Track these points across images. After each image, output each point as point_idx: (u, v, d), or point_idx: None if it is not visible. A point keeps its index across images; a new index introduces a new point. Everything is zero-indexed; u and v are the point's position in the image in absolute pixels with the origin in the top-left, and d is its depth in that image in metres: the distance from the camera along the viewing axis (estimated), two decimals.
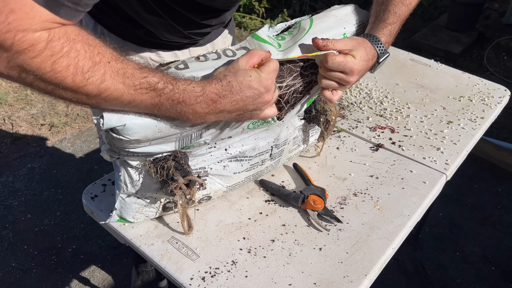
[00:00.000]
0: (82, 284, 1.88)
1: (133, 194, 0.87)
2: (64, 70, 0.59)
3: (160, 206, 0.91)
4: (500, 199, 2.31)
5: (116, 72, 0.63)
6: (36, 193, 2.27)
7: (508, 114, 2.84)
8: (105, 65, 0.62)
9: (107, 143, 0.77)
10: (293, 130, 1.02)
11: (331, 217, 0.95)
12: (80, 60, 0.60)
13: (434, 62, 1.64)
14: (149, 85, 0.66)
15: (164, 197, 0.89)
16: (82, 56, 0.60)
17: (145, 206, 0.89)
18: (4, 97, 2.87)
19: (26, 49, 0.56)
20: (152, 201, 0.89)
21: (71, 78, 0.60)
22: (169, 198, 0.89)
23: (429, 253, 2.02)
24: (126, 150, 0.75)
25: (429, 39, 3.61)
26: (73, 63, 0.59)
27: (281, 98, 0.85)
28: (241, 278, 0.82)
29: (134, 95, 0.65)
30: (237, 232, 0.92)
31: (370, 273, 0.84)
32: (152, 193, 0.87)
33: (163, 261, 0.85)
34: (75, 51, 0.59)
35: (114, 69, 0.63)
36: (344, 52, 0.82)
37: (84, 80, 0.61)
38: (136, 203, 0.88)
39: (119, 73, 0.63)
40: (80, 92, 0.62)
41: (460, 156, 1.17)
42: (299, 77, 0.85)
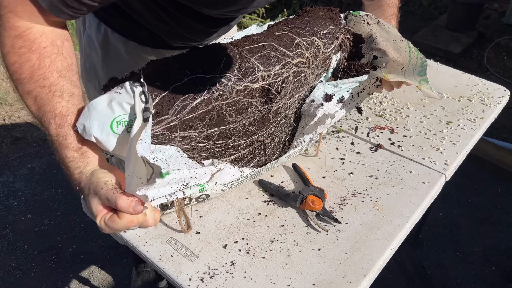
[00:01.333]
0: (82, 284, 1.88)
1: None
2: (10, 64, 0.71)
3: (158, 205, 0.91)
4: (500, 199, 2.31)
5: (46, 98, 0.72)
6: (36, 193, 2.27)
7: (508, 114, 2.84)
8: (40, 88, 0.72)
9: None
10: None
11: (329, 217, 0.95)
12: (25, 67, 0.71)
13: (433, 62, 1.63)
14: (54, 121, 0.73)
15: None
16: (29, 65, 0.71)
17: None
18: (4, 97, 2.87)
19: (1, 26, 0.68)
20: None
21: (12, 72, 0.72)
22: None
23: (429, 253, 2.02)
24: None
25: (429, 39, 3.60)
26: (19, 64, 0.71)
27: (271, 87, 0.85)
28: (240, 278, 0.82)
29: (42, 124, 0.74)
30: (236, 232, 0.92)
31: (369, 274, 0.84)
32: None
33: (162, 261, 0.85)
34: (27, 59, 0.70)
35: (44, 94, 0.72)
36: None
37: (19, 82, 0.73)
38: None
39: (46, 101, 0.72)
40: (17, 86, 0.74)
41: (460, 156, 1.17)
42: (287, 66, 0.86)
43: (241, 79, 0.81)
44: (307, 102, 1.00)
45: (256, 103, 0.87)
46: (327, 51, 0.95)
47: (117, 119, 0.71)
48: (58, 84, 0.73)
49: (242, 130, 0.90)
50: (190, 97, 0.75)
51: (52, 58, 0.72)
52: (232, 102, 0.82)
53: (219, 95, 0.79)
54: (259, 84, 0.84)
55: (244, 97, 0.83)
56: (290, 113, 1.00)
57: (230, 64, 0.80)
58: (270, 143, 1.00)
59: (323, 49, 0.93)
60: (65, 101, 0.73)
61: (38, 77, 0.71)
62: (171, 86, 0.74)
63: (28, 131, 2.66)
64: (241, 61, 0.81)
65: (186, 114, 0.76)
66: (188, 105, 0.75)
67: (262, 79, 0.84)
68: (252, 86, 0.83)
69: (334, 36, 0.97)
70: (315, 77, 0.98)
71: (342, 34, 0.99)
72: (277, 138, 1.01)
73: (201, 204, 0.99)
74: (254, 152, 0.98)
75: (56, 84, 0.72)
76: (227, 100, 0.81)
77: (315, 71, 0.96)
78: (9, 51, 0.69)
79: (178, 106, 0.74)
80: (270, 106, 0.90)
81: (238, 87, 0.81)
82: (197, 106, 0.77)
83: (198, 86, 0.76)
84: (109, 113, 0.71)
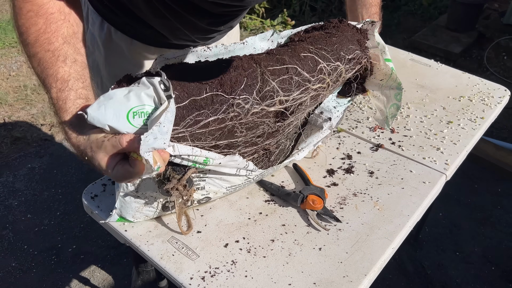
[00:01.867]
0: (82, 284, 1.88)
1: (132, 193, 0.87)
2: (19, 26, 0.74)
3: (159, 206, 0.91)
4: (500, 199, 2.31)
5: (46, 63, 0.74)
6: (36, 193, 2.27)
7: (508, 114, 2.84)
8: (44, 52, 0.74)
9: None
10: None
11: (330, 217, 0.95)
12: (31, 32, 0.73)
13: (434, 62, 1.64)
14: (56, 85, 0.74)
15: (162, 197, 0.89)
16: (34, 29, 0.73)
17: (145, 206, 0.90)
18: (4, 97, 2.87)
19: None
20: (151, 201, 0.89)
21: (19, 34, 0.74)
22: (166, 199, 0.89)
23: (429, 253, 2.02)
24: None
25: (429, 39, 3.61)
26: (26, 27, 0.73)
27: (287, 110, 0.84)
28: (241, 278, 0.82)
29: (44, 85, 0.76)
30: (236, 232, 0.92)
31: (370, 273, 0.84)
32: (152, 193, 0.87)
33: (163, 261, 0.85)
34: (33, 23, 0.73)
35: (45, 59, 0.74)
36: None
37: (25, 45, 0.75)
38: (135, 202, 0.88)
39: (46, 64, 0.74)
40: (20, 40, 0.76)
41: (460, 156, 1.17)
42: (306, 91, 0.84)
43: (259, 102, 0.78)
44: (316, 113, 0.99)
45: (268, 122, 0.85)
46: (348, 75, 0.93)
47: (134, 110, 0.68)
48: (62, 49, 0.75)
49: (250, 141, 0.88)
50: (204, 114, 0.73)
51: (58, 24, 0.74)
52: (246, 121, 0.80)
53: (234, 116, 0.77)
54: (276, 108, 0.82)
55: (258, 118, 0.82)
56: (298, 124, 0.99)
57: (250, 86, 0.77)
58: (275, 150, 1.00)
59: (344, 74, 0.90)
60: (68, 67, 0.75)
61: (43, 41, 0.73)
62: (188, 99, 0.71)
63: (28, 131, 2.66)
64: (262, 84, 0.78)
65: (197, 128, 0.74)
66: (202, 121, 0.73)
67: (280, 103, 0.81)
68: (269, 109, 0.81)
69: (358, 61, 0.93)
70: (330, 92, 0.98)
71: (365, 59, 0.96)
72: (282, 145, 1.01)
73: (202, 204, 0.99)
74: (259, 159, 0.97)
75: (60, 49, 0.74)
76: (240, 121, 0.79)
77: (332, 90, 0.95)
78: (17, 13, 0.72)
79: (191, 120, 0.72)
80: (282, 124, 0.89)
81: (254, 110, 0.78)
82: (210, 123, 0.74)
83: (216, 105, 0.74)
84: (125, 103, 0.68)
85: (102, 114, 0.68)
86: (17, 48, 3.38)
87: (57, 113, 0.75)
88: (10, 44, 3.41)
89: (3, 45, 3.39)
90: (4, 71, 3.14)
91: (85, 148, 0.71)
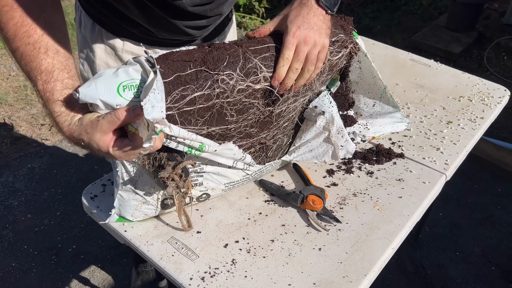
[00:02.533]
0: (82, 284, 1.88)
1: (131, 190, 0.87)
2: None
3: (158, 203, 0.91)
4: (500, 199, 2.31)
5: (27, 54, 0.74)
6: (36, 193, 2.27)
7: (508, 114, 2.84)
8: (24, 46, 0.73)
9: None
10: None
11: (330, 217, 0.95)
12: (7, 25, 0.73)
13: (434, 62, 1.64)
14: (41, 77, 0.74)
15: (160, 190, 0.89)
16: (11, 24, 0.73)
17: (143, 203, 0.90)
18: (4, 97, 2.87)
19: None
20: (150, 197, 0.89)
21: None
22: (163, 190, 0.89)
23: (429, 253, 2.02)
24: None
25: (429, 39, 3.61)
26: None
27: (273, 89, 0.85)
28: (241, 278, 0.82)
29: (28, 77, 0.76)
30: (236, 232, 0.92)
31: (370, 273, 0.84)
32: (150, 189, 0.87)
33: (163, 261, 0.85)
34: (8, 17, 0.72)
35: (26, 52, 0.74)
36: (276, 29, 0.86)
37: (1, 32, 0.74)
38: (134, 199, 0.89)
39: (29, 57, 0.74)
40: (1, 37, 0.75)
41: (460, 156, 1.17)
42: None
43: (243, 78, 0.81)
44: (310, 107, 1.00)
45: (258, 104, 0.86)
46: (334, 58, 0.94)
47: (124, 83, 0.72)
48: (43, 41, 0.75)
49: (244, 131, 0.90)
50: (190, 89, 0.76)
51: (35, 16, 0.74)
52: (233, 101, 0.82)
53: (220, 92, 0.79)
54: (261, 85, 0.84)
55: (246, 97, 0.83)
56: (293, 117, 1.00)
57: (233, 62, 0.80)
58: (272, 145, 1.00)
59: (329, 56, 0.92)
60: (50, 58, 0.75)
61: (22, 35, 0.73)
62: (173, 75, 0.75)
63: (28, 131, 2.66)
64: (244, 61, 0.81)
65: (184, 104, 0.77)
66: (187, 96, 0.76)
67: (265, 80, 0.84)
68: (254, 86, 0.83)
69: (343, 45, 0.95)
70: (321, 83, 0.98)
71: (352, 44, 0.97)
72: (279, 141, 1.01)
73: (201, 203, 0.99)
74: (256, 154, 0.98)
75: (40, 41, 0.74)
76: (228, 99, 0.80)
77: (320, 77, 0.95)
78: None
79: (177, 94, 0.75)
80: (272, 109, 0.90)
81: (240, 86, 0.81)
82: (196, 100, 0.77)
83: (200, 80, 0.77)
84: (114, 78, 0.72)
85: (93, 90, 0.71)
86: None
87: (46, 105, 0.75)
88: None
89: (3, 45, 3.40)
90: (4, 71, 3.14)
91: (79, 134, 0.72)
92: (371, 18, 4.09)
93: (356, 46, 0.99)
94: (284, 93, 0.88)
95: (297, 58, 0.82)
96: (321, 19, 0.84)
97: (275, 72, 0.83)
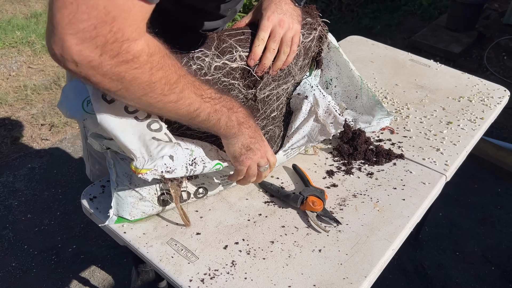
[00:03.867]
0: (82, 284, 1.88)
1: (127, 186, 0.88)
2: (158, 81, 0.66)
3: (155, 199, 0.91)
4: (500, 199, 2.31)
5: (191, 83, 0.73)
6: (36, 193, 2.27)
7: (508, 114, 2.84)
8: (184, 78, 0.71)
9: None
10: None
11: (330, 218, 0.95)
12: (170, 73, 0.68)
13: (433, 63, 1.63)
14: (211, 95, 0.76)
15: (155, 184, 0.89)
16: (171, 70, 0.68)
17: (140, 200, 0.90)
18: (4, 97, 2.87)
19: (131, 60, 0.61)
20: (146, 193, 0.89)
21: (161, 88, 0.67)
22: (161, 189, 0.90)
23: (429, 253, 2.02)
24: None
25: (429, 39, 3.60)
26: (165, 75, 0.67)
27: (251, 69, 0.88)
28: (240, 280, 0.82)
29: (201, 102, 0.75)
30: (236, 233, 0.92)
31: (370, 275, 0.84)
32: (145, 183, 0.87)
33: (162, 263, 0.85)
34: (167, 66, 0.67)
35: (189, 81, 0.72)
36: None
37: (170, 90, 0.69)
38: (131, 196, 0.89)
39: (193, 84, 0.73)
40: (161, 100, 0.69)
41: (460, 156, 1.17)
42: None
43: (219, 56, 0.84)
44: (294, 95, 1.04)
45: (238, 86, 0.88)
46: (307, 40, 0.98)
47: (88, 98, 0.77)
48: (188, 72, 0.75)
49: None
50: None
51: (167, 50, 0.70)
52: (213, 79, 0.84)
53: (197, 69, 0.81)
54: (238, 64, 0.86)
55: (224, 76, 0.85)
56: (280, 107, 1.02)
57: (207, 43, 0.83)
58: (263, 136, 1.00)
59: (302, 38, 0.96)
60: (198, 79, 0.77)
61: (182, 72, 0.72)
62: None
63: (28, 131, 2.66)
64: (219, 41, 0.84)
65: None
66: None
67: (240, 59, 0.86)
68: (231, 64, 0.85)
69: (312, 27, 1.00)
70: (299, 68, 1.00)
71: (320, 26, 1.02)
72: (270, 132, 1.03)
73: (201, 204, 0.99)
74: None
75: (188, 73, 0.75)
76: (206, 76, 0.83)
77: (298, 62, 0.98)
78: (152, 73, 0.65)
79: None
80: (255, 91, 0.92)
81: (216, 63, 0.83)
82: None
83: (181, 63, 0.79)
84: (79, 94, 0.78)
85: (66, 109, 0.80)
86: (17, 48, 3.38)
87: (230, 110, 0.80)
88: (10, 44, 3.41)
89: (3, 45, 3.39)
90: (4, 71, 3.14)
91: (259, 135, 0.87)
92: (371, 18, 4.09)
93: (323, 28, 1.04)
94: (264, 75, 0.90)
95: (273, 39, 0.87)
96: (292, 7, 0.91)
97: (251, 52, 0.87)
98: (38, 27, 3.63)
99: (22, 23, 3.66)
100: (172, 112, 0.73)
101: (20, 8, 3.97)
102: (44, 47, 3.36)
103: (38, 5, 4.03)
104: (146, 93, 0.67)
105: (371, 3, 4.30)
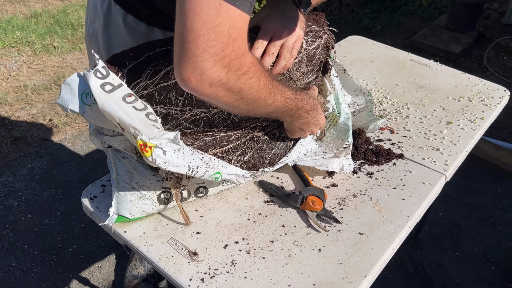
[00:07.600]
0: (82, 284, 1.88)
1: (127, 184, 0.88)
2: (263, 87, 0.75)
3: (155, 198, 0.91)
4: (500, 199, 2.31)
5: (277, 86, 0.81)
6: (36, 193, 2.27)
7: (508, 114, 2.84)
8: (273, 82, 0.80)
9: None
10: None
11: (330, 218, 0.95)
12: (267, 80, 0.77)
13: (433, 63, 1.63)
14: (289, 96, 0.86)
15: (155, 183, 0.89)
16: (266, 76, 0.77)
17: (140, 198, 0.90)
18: (4, 97, 2.87)
19: (247, 71, 0.69)
20: (146, 191, 0.89)
21: (264, 94, 0.76)
22: (162, 186, 0.89)
23: (429, 253, 2.02)
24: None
25: (429, 39, 3.60)
26: (265, 82, 0.76)
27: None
28: (240, 279, 0.82)
29: (285, 103, 0.85)
30: (236, 233, 0.92)
31: (370, 274, 0.84)
32: (145, 181, 0.88)
33: (162, 262, 0.85)
34: (263, 73, 0.75)
35: (276, 84, 0.81)
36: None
37: (269, 95, 0.78)
38: (130, 194, 0.89)
39: (277, 87, 0.81)
40: (262, 104, 0.79)
41: (460, 156, 1.17)
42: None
43: None
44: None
45: None
46: (310, 48, 0.98)
47: (86, 91, 0.79)
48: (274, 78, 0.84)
49: (228, 118, 0.91)
50: (161, 64, 0.80)
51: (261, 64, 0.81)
52: None
53: None
54: None
55: None
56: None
57: None
58: (262, 136, 1.00)
59: (305, 46, 0.96)
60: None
61: (271, 77, 0.80)
62: (143, 56, 0.80)
63: (28, 131, 2.66)
64: None
65: (160, 80, 0.81)
66: (161, 70, 0.80)
67: None
68: None
69: (317, 35, 0.99)
70: (302, 74, 1.00)
71: (326, 34, 1.02)
72: (270, 133, 1.02)
73: (201, 204, 0.99)
74: (247, 145, 0.98)
75: (274, 78, 0.84)
76: None
77: (300, 68, 0.98)
78: (259, 80, 0.75)
79: (150, 70, 0.80)
80: None
81: None
82: (170, 73, 0.81)
83: (170, 55, 0.79)
84: (78, 88, 0.78)
85: (64, 102, 0.80)
86: (17, 48, 3.38)
87: (300, 109, 0.91)
88: (10, 44, 3.41)
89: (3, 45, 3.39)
90: (4, 71, 3.14)
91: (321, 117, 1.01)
92: (371, 18, 4.09)
93: (330, 36, 1.04)
94: None
95: (274, 43, 0.89)
96: (296, 13, 0.92)
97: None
98: (38, 27, 3.63)
99: (22, 23, 3.66)
100: (262, 112, 0.83)
101: (20, 8, 3.97)
102: (44, 47, 3.36)
103: (38, 5, 4.03)
104: (255, 99, 0.75)
105: (371, 3, 4.30)
